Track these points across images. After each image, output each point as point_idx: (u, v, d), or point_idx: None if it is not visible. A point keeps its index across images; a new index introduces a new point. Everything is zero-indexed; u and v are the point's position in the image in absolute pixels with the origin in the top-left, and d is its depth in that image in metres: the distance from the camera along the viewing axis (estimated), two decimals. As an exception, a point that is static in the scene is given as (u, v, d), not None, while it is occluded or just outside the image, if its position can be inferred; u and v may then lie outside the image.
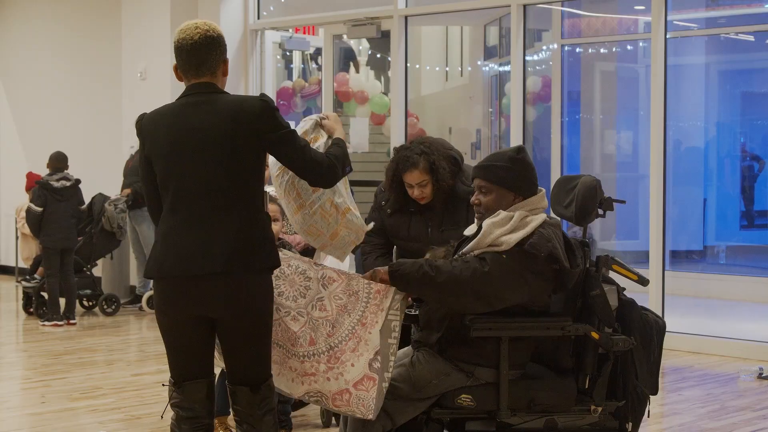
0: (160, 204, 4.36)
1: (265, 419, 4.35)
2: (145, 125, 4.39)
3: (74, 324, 10.84)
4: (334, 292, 4.40)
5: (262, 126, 4.22)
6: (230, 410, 5.79)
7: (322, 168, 4.32)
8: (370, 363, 4.28)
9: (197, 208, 4.24)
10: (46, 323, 10.73)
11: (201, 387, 4.34)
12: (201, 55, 4.30)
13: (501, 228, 4.40)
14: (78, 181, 11.03)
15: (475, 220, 4.70)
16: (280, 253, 4.38)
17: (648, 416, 4.65)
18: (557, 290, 4.50)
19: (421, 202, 5.53)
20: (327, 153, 4.42)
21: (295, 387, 4.39)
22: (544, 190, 4.66)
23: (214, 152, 4.22)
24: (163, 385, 4.36)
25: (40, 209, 10.74)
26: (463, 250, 4.49)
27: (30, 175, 11.97)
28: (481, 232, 4.45)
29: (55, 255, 10.83)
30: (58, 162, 11.05)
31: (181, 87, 4.44)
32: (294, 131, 4.32)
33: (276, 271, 4.40)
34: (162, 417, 4.36)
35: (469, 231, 4.70)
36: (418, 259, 4.47)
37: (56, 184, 10.84)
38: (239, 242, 4.20)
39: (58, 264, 10.82)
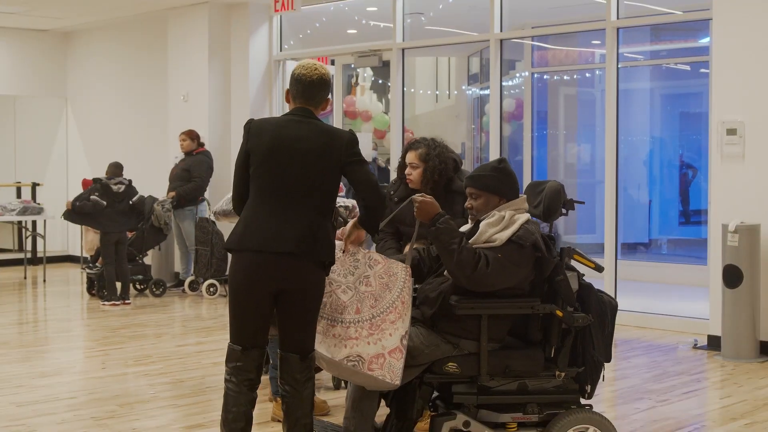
0: (244, 191, 4.46)
1: (307, 384, 4.42)
2: (254, 127, 4.47)
3: (129, 304, 10.83)
4: (378, 272, 4.43)
5: (347, 150, 4.37)
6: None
7: (380, 191, 4.44)
8: (402, 338, 4.29)
9: (280, 200, 4.34)
10: (105, 303, 10.73)
11: (259, 354, 4.42)
12: (314, 91, 4.47)
13: (494, 227, 4.45)
14: (130, 181, 11.06)
15: (469, 220, 4.72)
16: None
17: (603, 380, 4.64)
18: (536, 277, 4.49)
19: (410, 185, 5.56)
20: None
21: (337, 351, 4.32)
22: (525, 195, 4.68)
23: (305, 159, 4.34)
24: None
25: (105, 203, 10.76)
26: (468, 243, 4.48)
27: (85, 181, 11.98)
28: (479, 231, 4.49)
29: (111, 246, 10.83)
30: (116, 169, 11.09)
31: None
32: (366, 162, 4.49)
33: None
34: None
35: (464, 228, 4.72)
36: (458, 232, 4.45)
37: (114, 188, 10.85)
38: (307, 233, 4.30)
39: (113, 254, 10.82)
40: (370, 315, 4.35)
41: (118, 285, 10.85)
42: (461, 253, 4.32)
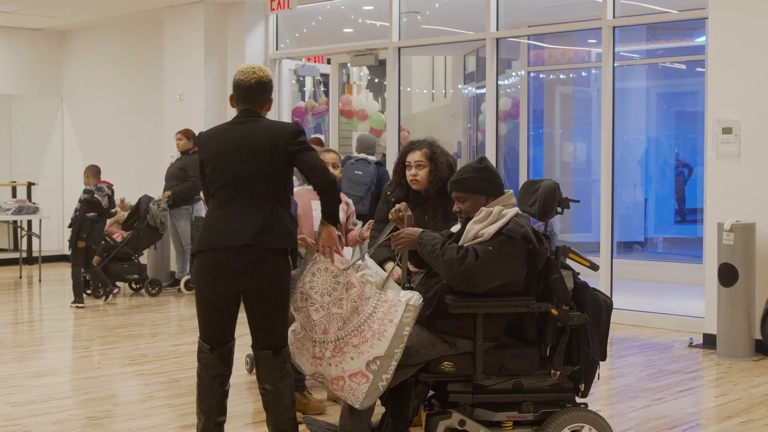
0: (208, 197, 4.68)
1: (284, 380, 4.50)
2: (202, 138, 4.75)
3: (116, 293, 10.97)
4: (351, 296, 4.39)
5: (292, 140, 4.51)
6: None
7: (327, 174, 4.52)
8: (368, 363, 4.24)
9: (235, 199, 4.50)
10: (71, 305, 10.68)
11: (227, 350, 4.60)
12: (254, 94, 4.67)
13: (481, 224, 4.45)
14: (112, 191, 11.04)
15: (459, 222, 4.73)
16: (321, 259, 4.52)
17: (598, 378, 4.65)
18: (530, 270, 4.49)
19: (414, 186, 5.53)
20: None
21: (308, 365, 4.42)
22: (511, 190, 4.69)
23: (254, 155, 4.50)
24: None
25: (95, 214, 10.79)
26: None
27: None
28: (466, 229, 4.49)
29: (83, 250, 10.83)
30: (97, 174, 11.04)
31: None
32: (314, 149, 4.57)
33: (314, 269, 4.51)
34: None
35: (454, 229, 4.72)
36: (438, 237, 4.49)
37: (101, 200, 10.82)
38: (264, 225, 4.44)
39: (82, 257, 10.83)
40: (335, 337, 4.35)
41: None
42: (444, 254, 4.34)
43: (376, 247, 4.93)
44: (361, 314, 4.33)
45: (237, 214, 4.47)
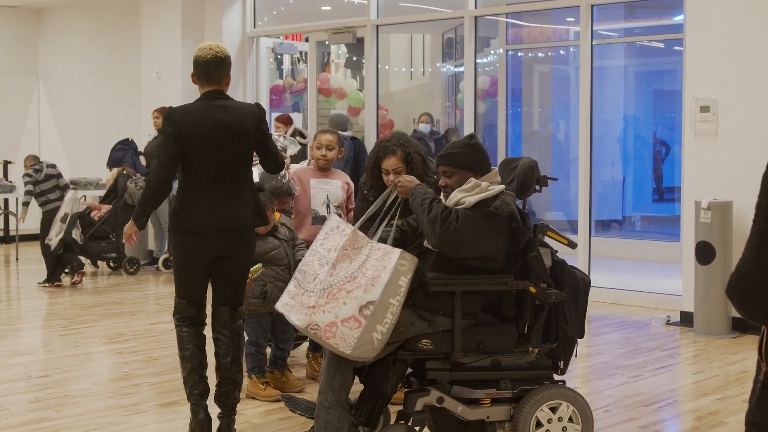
0: (171, 174, 4.92)
1: (237, 333, 5.03)
2: (181, 117, 4.85)
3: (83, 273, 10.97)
4: (345, 243, 4.42)
5: (261, 127, 4.96)
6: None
7: (279, 161, 5.19)
8: (361, 308, 4.22)
9: (221, 182, 4.86)
10: (50, 285, 10.65)
11: (202, 303, 5.05)
12: (212, 69, 4.92)
13: (466, 192, 4.45)
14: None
15: (443, 198, 4.71)
16: (335, 218, 4.71)
17: (576, 356, 4.67)
18: (511, 248, 4.49)
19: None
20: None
21: (302, 319, 4.33)
22: (497, 168, 4.69)
23: (236, 141, 4.86)
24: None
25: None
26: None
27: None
28: (450, 196, 4.51)
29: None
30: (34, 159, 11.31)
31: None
32: (271, 134, 5.15)
33: (327, 227, 4.64)
34: None
35: None
36: (431, 193, 4.54)
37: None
38: (245, 206, 4.92)
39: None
40: (327, 284, 4.33)
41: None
42: (431, 210, 4.36)
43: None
44: (354, 262, 4.35)
45: (223, 197, 4.84)
